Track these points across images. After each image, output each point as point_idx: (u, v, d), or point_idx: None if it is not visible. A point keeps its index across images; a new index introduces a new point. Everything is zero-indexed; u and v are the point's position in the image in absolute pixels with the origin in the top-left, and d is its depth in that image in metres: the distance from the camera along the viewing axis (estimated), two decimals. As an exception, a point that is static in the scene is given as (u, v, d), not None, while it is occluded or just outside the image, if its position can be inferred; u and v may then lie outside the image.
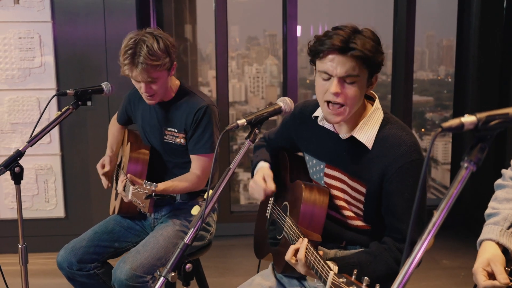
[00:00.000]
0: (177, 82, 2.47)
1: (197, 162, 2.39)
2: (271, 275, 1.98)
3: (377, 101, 1.79)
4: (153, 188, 2.07)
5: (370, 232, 1.82)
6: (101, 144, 3.88)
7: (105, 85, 2.33)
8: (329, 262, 1.58)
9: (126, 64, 2.23)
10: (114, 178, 2.71)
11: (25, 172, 3.76)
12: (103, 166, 2.60)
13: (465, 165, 0.95)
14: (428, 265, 3.91)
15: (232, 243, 4.27)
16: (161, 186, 2.26)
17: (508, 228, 1.52)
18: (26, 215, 3.85)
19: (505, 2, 4.51)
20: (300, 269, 1.64)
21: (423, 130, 10.31)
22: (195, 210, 1.55)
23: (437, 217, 0.94)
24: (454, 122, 0.93)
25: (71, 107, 2.20)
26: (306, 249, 1.61)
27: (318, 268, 1.52)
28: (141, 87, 2.31)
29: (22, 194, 3.77)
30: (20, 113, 3.77)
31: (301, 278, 1.94)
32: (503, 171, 1.64)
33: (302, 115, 1.93)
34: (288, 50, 4.59)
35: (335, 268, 1.52)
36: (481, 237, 1.55)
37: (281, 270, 1.88)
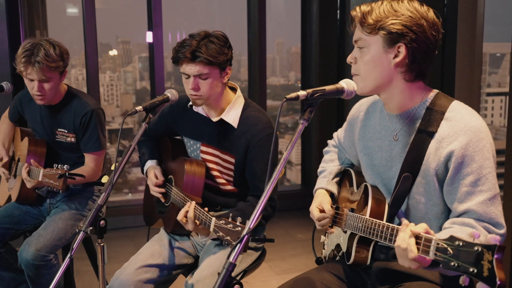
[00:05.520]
0: (65, 86, 2.75)
1: (89, 158, 2.72)
2: (164, 235, 2.41)
3: (238, 91, 2.32)
4: (65, 168, 2.35)
5: (238, 194, 2.33)
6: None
7: (5, 84, 2.58)
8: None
9: (23, 62, 2.47)
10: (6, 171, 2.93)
11: None
12: (0, 159, 2.82)
13: (301, 121, 1.50)
14: (285, 239, 4.59)
15: (106, 236, 4.51)
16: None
17: (333, 178, 2.09)
18: None
19: (338, 13, 5.36)
20: (189, 226, 2.05)
21: (278, 133, 11.17)
22: (105, 179, 1.93)
23: (285, 156, 1.47)
24: (293, 94, 1.48)
25: None
26: (195, 208, 2.05)
27: (203, 218, 1.97)
28: (33, 87, 2.54)
29: None
30: None
31: (189, 234, 2.41)
32: (328, 141, 2.24)
33: (179, 106, 2.38)
34: (155, 55, 4.96)
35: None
36: (315, 187, 2.10)
37: (171, 230, 2.33)
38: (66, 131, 2.72)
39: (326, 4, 5.34)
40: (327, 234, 2.12)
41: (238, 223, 1.77)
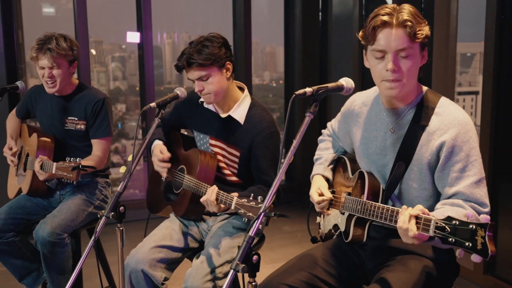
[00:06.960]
0: (76, 81, 2.97)
1: (97, 145, 2.91)
2: (175, 220, 2.59)
3: (246, 90, 2.52)
4: (78, 161, 2.53)
5: (242, 185, 2.52)
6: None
7: (19, 83, 2.76)
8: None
9: (36, 49, 2.73)
10: (17, 165, 3.08)
11: None
12: (10, 148, 2.99)
13: (307, 114, 1.71)
14: (273, 231, 4.80)
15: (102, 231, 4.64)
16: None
17: (328, 165, 2.29)
18: None
19: (320, 15, 5.57)
20: (214, 208, 2.23)
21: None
22: (123, 169, 2.12)
23: (294, 144, 1.68)
24: (301, 91, 1.69)
25: None
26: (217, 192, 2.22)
27: (224, 199, 2.15)
28: (44, 74, 2.77)
29: None
30: None
31: (196, 220, 2.60)
32: (323, 130, 2.44)
33: (191, 101, 2.58)
34: (145, 56, 5.12)
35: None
36: (312, 173, 2.30)
37: (182, 214, 2.52)
38: (76, 119, 2.91)
39: (308, 6, 5.55)
40: (322, 215, 2.32)
41: (259, 201, 1.95)
